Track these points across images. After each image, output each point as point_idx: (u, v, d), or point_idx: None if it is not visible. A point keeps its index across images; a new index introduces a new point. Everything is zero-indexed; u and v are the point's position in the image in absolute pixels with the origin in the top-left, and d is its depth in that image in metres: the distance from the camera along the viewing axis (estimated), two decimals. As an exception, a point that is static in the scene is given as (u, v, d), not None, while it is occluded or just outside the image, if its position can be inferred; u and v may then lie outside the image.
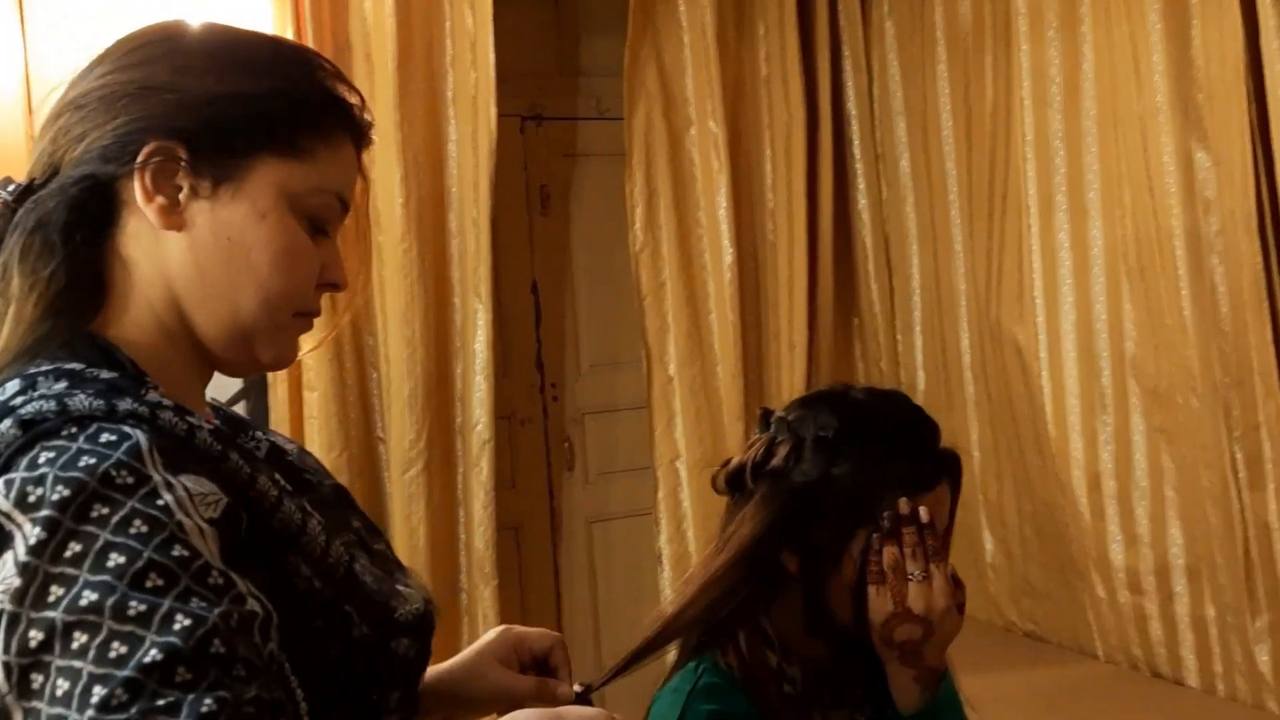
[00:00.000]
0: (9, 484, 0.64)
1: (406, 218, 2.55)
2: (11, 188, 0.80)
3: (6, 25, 2.11)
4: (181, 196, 0.79)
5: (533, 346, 3.17)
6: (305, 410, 2.50)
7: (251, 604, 0.66)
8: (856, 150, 3.21)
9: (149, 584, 0.62)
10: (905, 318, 3.21)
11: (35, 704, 0.60)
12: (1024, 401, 2.81)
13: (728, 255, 2.97)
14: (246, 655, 0.63)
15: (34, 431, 0.67)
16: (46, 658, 0.60)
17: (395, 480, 2.58)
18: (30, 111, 2.10)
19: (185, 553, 0.64)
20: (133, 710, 0.58)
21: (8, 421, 0.67)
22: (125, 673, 0.59)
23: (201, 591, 0.63)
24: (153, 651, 0.59)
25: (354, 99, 0.85)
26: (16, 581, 0.62)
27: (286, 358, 0.85)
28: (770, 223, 3.07)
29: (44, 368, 0.72)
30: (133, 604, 0.61)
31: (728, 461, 1.11)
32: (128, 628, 0.60)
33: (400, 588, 0.84)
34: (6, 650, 0.61)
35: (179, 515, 0.65)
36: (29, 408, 0.68)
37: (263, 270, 0.79)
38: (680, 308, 2.96)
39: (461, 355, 2.67)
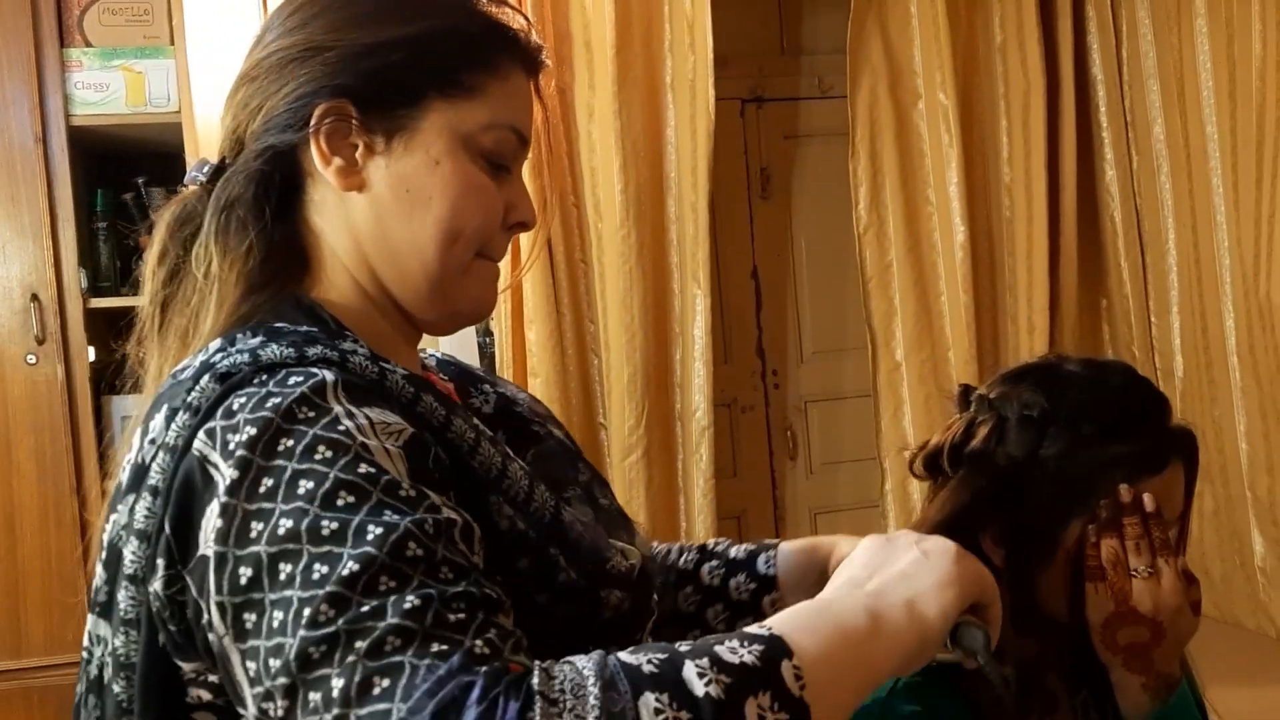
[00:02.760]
0: (210, 434, 0.65)
1: (625, 204, 2.56)
2: (206, 169, 0.81)
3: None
4: (358, 155, 0.77)
5: (753, 333, 3.13)
6: (528, 396, 2.55)
7: (448, 513, 0.63)
8: (1103, 117, 2.97)
9: (340, 502, 0.61)
10: (1161, 298, 2.94)
11: (253, 643, 0.60)
12: (1300, 387, 2.53)
13: (960, 233, 2.82)
14: (449, 556, 0.61)
15: (229, 383, 0.67)
16: (257, 594, 0.60)
17: (616, 466, 2.59)
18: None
19: (372, 469, 0.62)
20: (340, 623, 0.57)
21: (206, 377, 0.68)
22: (328, 588, 0.58)
23: (393, 503, 0.61)
24: (349, 564, 0.58)
25: (518, 24, 0.81)
26: (219, 523, 0.62)
27: (486, 302, 0.82)
28: (1007, 198, 2.90)
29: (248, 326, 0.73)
30: (325, 523, 0.60)
31: (925, 443, 1.02)
32: (324, 548, 0.59)
33: (617, 542, 0.80)
34: (219, 590, 0.62)
35: (361, 438, 0.64)
36: (225, 362, 0.69)
37: (444, 216, 0.77)
38: (908, 290, 2.83)
39: (680, 341, 2.66)
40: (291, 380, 0.66)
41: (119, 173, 2.40)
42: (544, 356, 2.53)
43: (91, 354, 2.27)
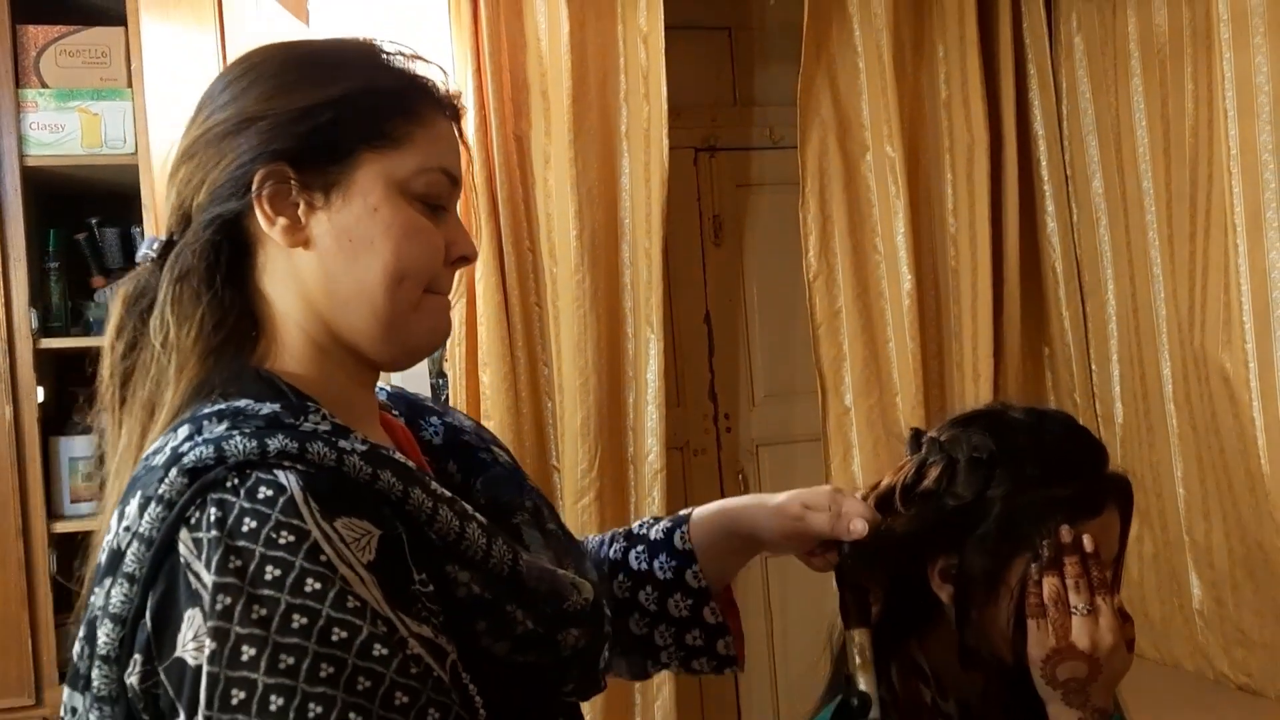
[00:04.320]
0: (198, 544, 0.70)
1: (580, 249, 2.59)
2: (155, 245, 0.86)
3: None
4: (300, 213, 0.82)
5: (706, 376, 3.16)
6: (482, 438, 2.56)
7: (413, 645, 0.70)
8: (1044, 171, 3.07)
9: (335, 638, 0.67)
10: (1100, 346, 3.03)
11: None
12: (1233, 435, 2.60)
13: (906, 281, 2.88)
14: (432, 694, 0.69)
15: (200, 482, 0.71)
16: (243, 716, 0.66)
17: (569, 509, 2.61)
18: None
19: (358, 603, 0.69)
20: None
21: (174, 471, 0.72)
22: None
23: (380, 633, 0.69)
24: (350, 714, 0.66)
25: (434, 74, 0.88)
26: (212, 644, 0.67)
27: (441, 331, 0.87)
28: (952, 248, 2.97)
29: (214, 407, 0.76)
30: (323, 664, 0.67)
31: (876, 484, 1.06)
32: (319, 689, 0.66)
33: (572, 575, 0.84)
34: (209, 705, 0.67)
35: (342, 569, 0.69)
36: (191, 455, 0.73)
37: (388, 260, 0.82)
38: (856, 336, 2.89)
39: (634, 385, 2.69)
40: (261, 493, 0.71)
41: (73, 212, 2.40)
42: (498, 400, 2.55)
43: (40, 394, 2.26)
